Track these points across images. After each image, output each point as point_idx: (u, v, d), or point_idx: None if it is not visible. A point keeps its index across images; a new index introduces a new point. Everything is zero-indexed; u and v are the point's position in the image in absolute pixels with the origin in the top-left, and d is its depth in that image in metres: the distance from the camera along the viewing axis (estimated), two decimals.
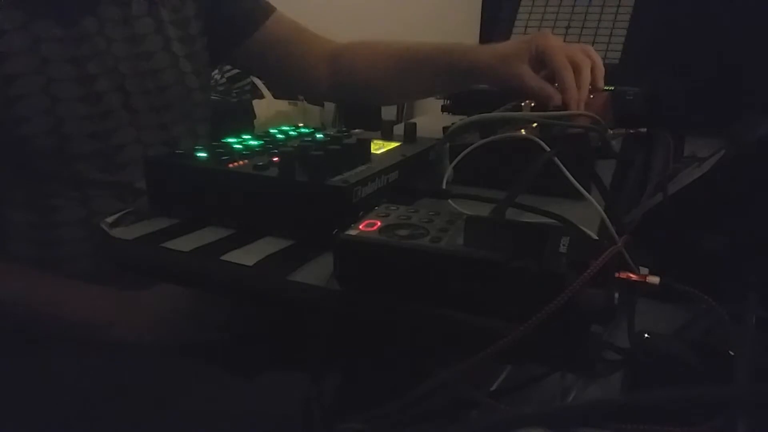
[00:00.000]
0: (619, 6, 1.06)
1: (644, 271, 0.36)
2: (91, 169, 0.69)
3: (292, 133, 0.61)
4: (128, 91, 0.72)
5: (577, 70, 0.69)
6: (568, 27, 1.09)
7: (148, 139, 0.74)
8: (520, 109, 0.69)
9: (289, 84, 1.03)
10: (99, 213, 0.69)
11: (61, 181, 0.68)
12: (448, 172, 0.57)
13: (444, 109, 1.09)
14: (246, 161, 0.49)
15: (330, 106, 2.67)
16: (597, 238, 0.43)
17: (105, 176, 0.70)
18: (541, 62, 0.72)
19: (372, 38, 0.92)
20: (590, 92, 0.72)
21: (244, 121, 2.24)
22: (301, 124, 0.64)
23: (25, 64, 0.65)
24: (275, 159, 0.48)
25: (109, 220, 0.48)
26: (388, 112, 3.15)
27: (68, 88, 0.67)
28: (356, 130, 0.63)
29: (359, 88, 0.92)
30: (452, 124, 0.63)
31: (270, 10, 0.90)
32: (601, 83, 0.74)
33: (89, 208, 0.70)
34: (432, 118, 1.09)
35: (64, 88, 0.67)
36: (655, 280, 0.36)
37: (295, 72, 0.92)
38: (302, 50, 0.91)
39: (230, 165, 0.48)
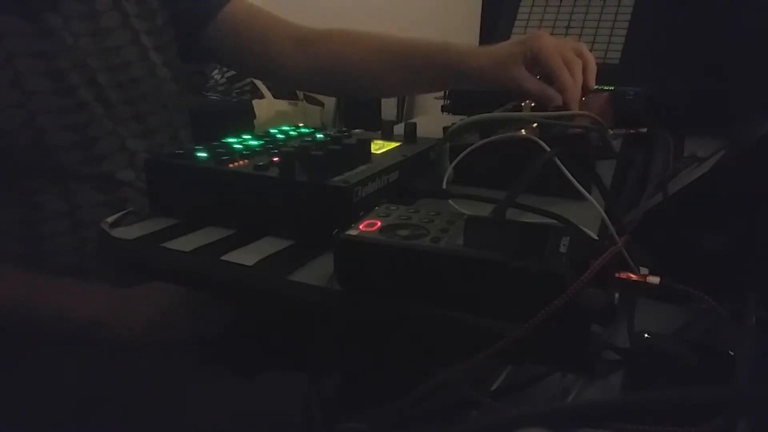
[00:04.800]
0: (619, 6, 1.06)
1: (644, 271, 0.36)
2: (69, 161, 0.69)
3: (292, 133, 0.61)
4: (100, 84, 0.71)
5: (570, 70, 0.69)
6: (568, 27, 1.09)
7: (124, 131, 0.74)
8: (520, 109, 0.69)
9: (258, 71, 0.99)
10: (81, 206, 0.69)
11: (41, 176, 0.68)
12: (448, 172, 0.57)
13: (444, 109, 1.09)
14: (246, 161, 0.49)
15: (330, 106, 2.68)
16: (597, 238, 0.43)
17: (85, 168, 0.70)
18: (536, 64, 0.72)
19: (353, 28, 0.90)
20: (584, 92, 0.73)
21: (244, 121, 2.24)
22: (301, 124, 0.64)
23: None
24: (275, 159, 0.48)
25: (109, 220, 0.48)
26: (388, 112, 3.15)
27: (39, 82, 0.66)
28: (356, 130, 0.63)
29: (338, 77, 0.89)
30: (452, 124, 0.63)
31: None
32: (592, 83, 0.74)
33: (71, 202, 0.70)
34: (432, 118, 1.09)
35: (35, 82, 0.66)
36: (655, 280, 0.36)
37: (260, 58, 0.89)
38: (266, 34, 0.88)
39: (230, 165, 0.48)
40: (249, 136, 0.57)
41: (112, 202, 0.70)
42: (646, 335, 0.40)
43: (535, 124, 0.61)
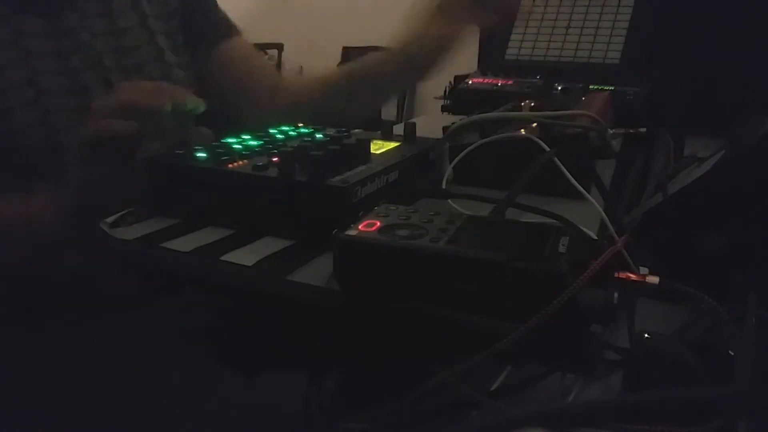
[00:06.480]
0: (619, 6, 1.06)
1: (644, 271, 0.36)
2: None
3: (292, 133, 0.61)
4: (114, 84, 0.72)
5: None
6: (568, 27, 1.09)
7: None
8: (520, 109, 0.69)
9: (231, 107, 0.92)
10: None
11: (51, 175, 0.68)
12: (448, 172, 0.57)
13: (444, 109, 1.09)
14: (246, 161, 0.49)
15: None
16: (597, 238, 0.43)
17: None
18: None
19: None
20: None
21: None
22: (301, 124, 0.64)
23: (8, 57, 0.65)
24: (275, 159, 0.48)
25: (109, 220, 0.48)
26: (388, 112, 3.15)
27: (54, 81, 0.67)
28: (356, 130, 0.63)
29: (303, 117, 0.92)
30: (452, 124, 0.63)
31: (235, 31, 0.91)
32: None
33: None
34: (432, 118, 1.09)
35: (50, 81, 0.67)
36: (654, 280, 0.36)
37: (237, 98, 0.90)
38: (250, 79, 0.90)
39: (230, 165, 0.48)
40: (248, 136, 0.57)
41: None
42: (646, 335, 0.40)
43: (534, 124, 0.61)
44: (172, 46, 0.80)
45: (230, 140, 0.55)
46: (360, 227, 0.37)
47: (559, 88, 0.91)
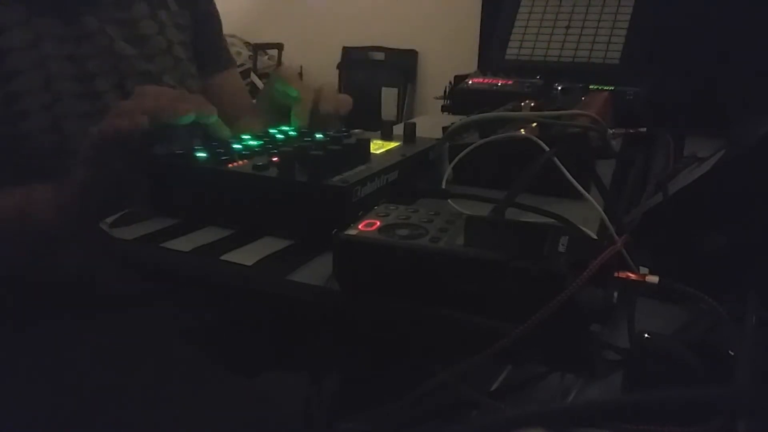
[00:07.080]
0: (619, 6, 1.07)
1: (644, 270, 0.36)
2: None
3: (291, 133, 0.61)
4: (128, 92, 0.72)
5: None
6: (568, 27, 1.09)
7: None
8: (520, 109, 0.69)
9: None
10: None
11: (57, 178, 0.68)
12: (448, 172, 0.57)
13: (444, 109, 1.09)
14: (246, 161, 0.49)
15: None
16: (596, 237, 0.43)
17: None
18: None
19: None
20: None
21: None
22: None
23: (26, 60, 0.65)
24: (275, 159, 0.48)
25: (109, 220, 0.48)
26: (388, 112, 3.15)
27: (68, 86, 0.67)
28: (356, 130, 0.63)
29: None
30: (452, 124, 0.63)
31: (232, 63, 0.92)
32: None
33: None
34: (432, 118, 1.09)
35: (65, 85, 0.67)
36: (654, 279, 0.36)
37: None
38: (237, 114, 0.89)
39: (230, 165, 0.48)
40: (249, 136, 0.57)
41: None
42: (646, 335, 0.40)
43: (534, 124, 0.61)
44: (189, 57, 0.81)
45: (230, 140, 0.55)
46: (360, 227, 0.37)
47: (559, 88, 0.91)
